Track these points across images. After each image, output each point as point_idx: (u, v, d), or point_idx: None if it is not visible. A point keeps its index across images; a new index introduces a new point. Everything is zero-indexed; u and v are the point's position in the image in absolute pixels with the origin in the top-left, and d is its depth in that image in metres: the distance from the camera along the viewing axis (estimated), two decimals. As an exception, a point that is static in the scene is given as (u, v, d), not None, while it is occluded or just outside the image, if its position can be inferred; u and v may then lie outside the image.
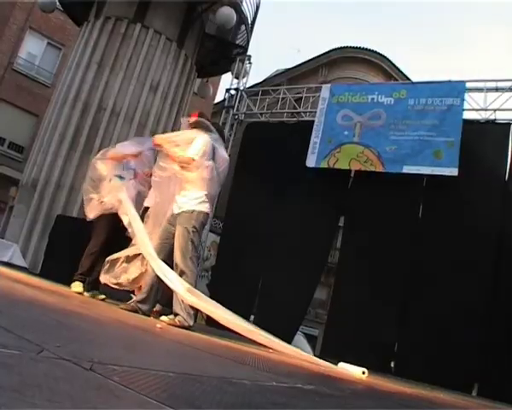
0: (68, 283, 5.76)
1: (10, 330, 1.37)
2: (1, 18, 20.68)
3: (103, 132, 10.88)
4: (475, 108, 8.94)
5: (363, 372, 4.06)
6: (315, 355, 5.63)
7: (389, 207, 8.78)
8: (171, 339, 2.97)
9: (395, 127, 9.09)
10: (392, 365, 8.29)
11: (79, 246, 5.82)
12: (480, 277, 7.70)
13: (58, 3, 13.50)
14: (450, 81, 9.11)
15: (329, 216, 9.47)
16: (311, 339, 15.62)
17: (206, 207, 5.06)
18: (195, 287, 4.52)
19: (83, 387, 0.96)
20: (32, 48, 21.47)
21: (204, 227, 5.33)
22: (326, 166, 9.45)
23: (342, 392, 2.50)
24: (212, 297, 4.66)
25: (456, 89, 8.84)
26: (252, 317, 9.20)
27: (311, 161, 9.56)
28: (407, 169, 8.73)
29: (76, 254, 5.83)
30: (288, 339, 8.66)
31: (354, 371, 4.16)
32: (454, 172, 8.23)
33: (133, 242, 5.28)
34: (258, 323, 8.00)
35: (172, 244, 4.90)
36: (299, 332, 11.05)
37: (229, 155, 11.37)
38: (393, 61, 23.87)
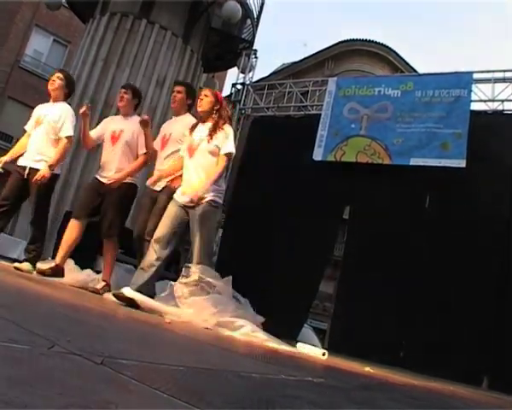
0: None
1: (20, 325, 1.38)
2: (7, 16, 20.74)
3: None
4: (483, 99, 8.89)
5: (324, 354, 4.17)
6: (323, 347, 5.64)
7: (396, 200, 8.76)
8: (180, 333, 2.98)
9: (402, 119, 9.05)
10: (401, 356, 8.26)
11: (87, 241, 5.76)
12: (489, 268, 7.67)
13: (64, 0, 13.53)
14: (457, 72, 9.06)
15: (335, 209, 9.47)
16: (319, 332, 15.64)
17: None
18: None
19: (94, 381, 0.96)
20: (39, 45, 21.53)
21: None
22: (333, 159, 9.43)
23: (351, 385, 2.50)
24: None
25: (464, 80, 8.79)
26: (254, 310, 9.19)
27: (317, 155, 9.55)
28: (414, 161, 8.70)
29: (84, 250, 5.80)
30: (295, 333, 8.69)
31: (315, 353, 4.26)
32: (462, 163, 8.19)
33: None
34: (262, 316, 8.06)
35: (181, 234, 4.69)
36: (306, 325, 11.05)
37: (235, 148, 11.47)
38: (400, 54, 23.77)
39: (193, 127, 4.96)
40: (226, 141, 4.75)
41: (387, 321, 8.15)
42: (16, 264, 5.31)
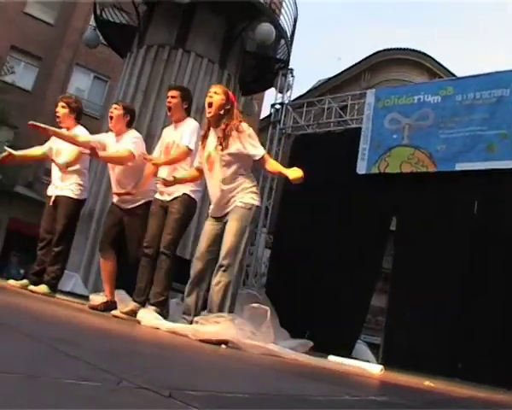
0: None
1: (86, 360, 1.41)
2: (49, 58, 21.56)
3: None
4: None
5: (381, 369, 4.10)
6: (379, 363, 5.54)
7: (443, 208, 8.62)
8: (237, 359, 2.98)
9: (444, 125, 8.94)
10: (459, 367, 8.01)
11: (136, 270, 5.66)
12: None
13: (102, 38, 13.95)
14: (497, 72, 8.90)
15: (381, 221, 9.39)
16: (373, 347, 15.40)
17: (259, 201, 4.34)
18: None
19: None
20: (80, 83, 22.29)
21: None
22: (377, 171, 9.37)
23: (417, 402, 2.45)
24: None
25: (505, 79, 8.63)
26: (307, 331, 9.14)
27: (361, 168, 9.50)
28: (460, 166, 8.56)
29: (133, 278, 5.69)
30: (349, 349, 8.57)
31: (371, 369, 4.18)
32: (510, 164, 8.02)
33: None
34: (315, 336, 7.98)
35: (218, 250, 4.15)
36: (360, 341, 10.91)
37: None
38: (437, 59, 23.42)
39: (205, 135, 4.37)
40: (252, 144, 4.16)
41: (442, 332, 7.98)
42: (32, 287, 5.34)
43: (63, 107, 5.77)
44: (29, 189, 19.94)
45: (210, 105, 4.23)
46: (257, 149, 4.16)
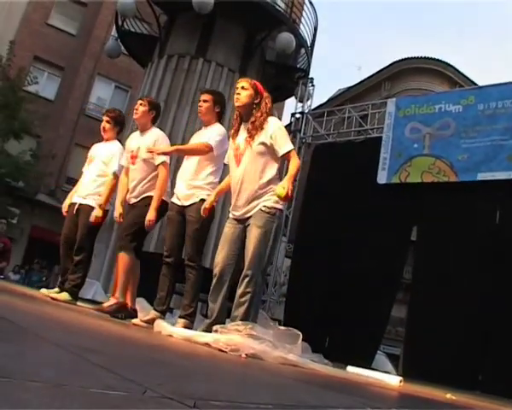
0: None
1: (111, 369, 1.42)
2: (72, 68, 21.87)
3: (174, 168, 11.14)
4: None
5: (400, 381, 4.08)
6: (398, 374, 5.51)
7: (464, 218, 8.54)
8: (257, 368, 2.99)
9: (466, 135, 8.87)
10: (480, 380, 7.90)
11: (156, 280, 5.64)
12: None
13: (123, 48, 14.11)
14: (520, 80, 8.82)
15: (402, 231, 9.33)
16: (393, 358, 15.27)
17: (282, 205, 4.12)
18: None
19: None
20: (102, 92, 22.59)
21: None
22: (397, 181, 9.32)
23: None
24: (288, 324, 4.45)
25: (527, 88, 8.56)
26: (327, 339, 9.11)
27: (382, 178, 9.46)
28: (482, 176, 8.48)
29: (152, 289, 5.66)
30: (369, 360, 8.52)
31: (390, 380, 4.15)
32: (532, 174, 7.93)
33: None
34: (335, 346, 7.92)
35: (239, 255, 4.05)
36: (380, 352, 10.83)
37: (299, 179, 11.48)
38: (457, 68, 23.27)
39: (235, 131, 4.27)
40: (280, 138, 4.04)
41: (462, 344, 7.88)
42: (54, 294, 5.43)
43: (108, 121, 5.94)
44: (51, 197, 20.18)
45: (237, 100, 4.20)
46: (284, 144, 4.04)
